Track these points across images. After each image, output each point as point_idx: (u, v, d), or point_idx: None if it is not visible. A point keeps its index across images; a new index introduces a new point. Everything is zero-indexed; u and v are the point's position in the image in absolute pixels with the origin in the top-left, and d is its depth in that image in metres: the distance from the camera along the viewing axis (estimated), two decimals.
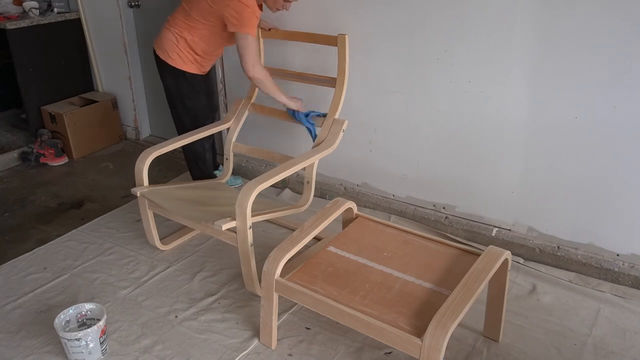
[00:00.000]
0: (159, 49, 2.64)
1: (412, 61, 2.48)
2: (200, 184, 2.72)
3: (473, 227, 2.58)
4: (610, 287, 2.26)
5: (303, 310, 2.16)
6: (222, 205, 2.38)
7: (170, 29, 2.58)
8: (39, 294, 2.31)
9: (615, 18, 1.97)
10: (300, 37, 2.61)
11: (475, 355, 1.94)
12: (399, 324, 1.62)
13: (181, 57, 2.60)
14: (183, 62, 2.61)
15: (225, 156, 2.79)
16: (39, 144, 3.57)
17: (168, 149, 2.48)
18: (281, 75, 2.71)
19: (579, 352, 1.95)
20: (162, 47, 2.62)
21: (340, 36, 2.44)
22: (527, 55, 2.18)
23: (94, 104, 3.78)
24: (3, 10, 3.70)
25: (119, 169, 3.51)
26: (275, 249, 1.87)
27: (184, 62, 2.62)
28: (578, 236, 2.35)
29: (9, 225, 2.90)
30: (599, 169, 2.20)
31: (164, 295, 2.29)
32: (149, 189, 2.41)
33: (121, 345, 2.02)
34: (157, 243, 2.55)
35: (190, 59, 2.62)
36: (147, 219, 2.49)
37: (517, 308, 2.16)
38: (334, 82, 2.51)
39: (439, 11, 2.32)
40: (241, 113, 2.76)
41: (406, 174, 2.72)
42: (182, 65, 2.62)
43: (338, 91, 2.50)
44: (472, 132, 2.44)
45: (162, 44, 2.62)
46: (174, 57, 2.60)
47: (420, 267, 1.88)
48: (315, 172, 2.51)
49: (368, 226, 2.13)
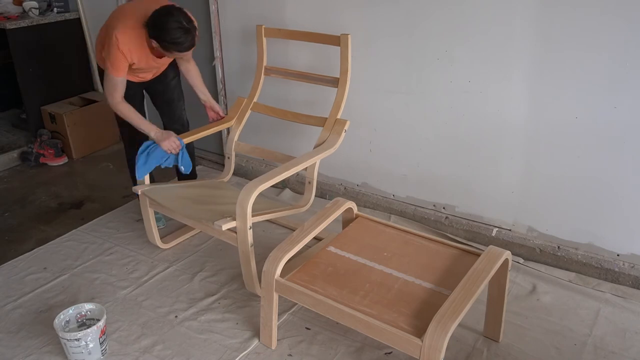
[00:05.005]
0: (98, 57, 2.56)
1: (412, 61, 2.48)
2: (201, 183, 2.71)
3: (473, 227, 2.58)
4: (610, 287, 2.26)
5: (303, 310, 2.16)
6: (223, 204, 2.38)
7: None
8: (39, 294, 2.31)
9: (616, 17, 1.97)
10: (302, 37, 2.60)
11: (475, 355, 1.94)
12: (399, 324, 1.62)
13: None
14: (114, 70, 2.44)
15: (227, 155, 2.78)
16: (39, 144, 3.57)
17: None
18: (283, 75, 2.71)
19: (579, 352, 1.95)
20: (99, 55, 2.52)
21: (343, 36, 2.43)
22: (527, 55, 2.18)
23: (94, 104, 3.78)
24: (3, 10, 3.70)
25: (119, 169, 3.51)
26: (275, 249, 1.87)
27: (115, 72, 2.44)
28: (578, 236, 2.35)
29: (9, 225, 2.90)
30: (599, 169, 2.20)
31: (164, 295, 2.29)
32: (150, 187, 2.41)
33: (121, 345, 2.02)
34: (157, 242, 2.55)
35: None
36: (148, 218, 2.49)
37: (517, 308, 2.16)
38: (336, 82, 2.51)
39: (439, 11, 2.32)
40: (243, 112, 2.75)
41: (406, 174, 2.72)
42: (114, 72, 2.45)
43: (340, 91, 2.49)
44: (472, 132, 2.44)
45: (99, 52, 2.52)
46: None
47: (420, 267, 1.88)
48: (317, 173, 2.50)
49: (368, 226, 2.13)
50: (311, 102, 2.85)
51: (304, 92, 2.78)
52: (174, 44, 2.23)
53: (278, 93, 2.91)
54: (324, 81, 2.58)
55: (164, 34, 2.20)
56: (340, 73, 2.48)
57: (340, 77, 2.49)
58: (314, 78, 2.62)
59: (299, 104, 2.86)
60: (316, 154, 2.39)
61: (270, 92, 2.92)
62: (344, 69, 2.46)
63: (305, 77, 2.65)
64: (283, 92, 2.92)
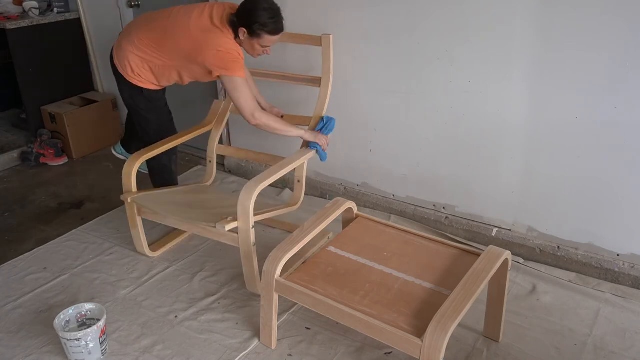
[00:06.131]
0: (118, 61, 2.45)
1: (412, 61, 2.48)
2: (185, 189, 2.70)
3: (473, 227, 2.58)
4: (610, 287, 2.26)
5: (303, 310, 2.16)
6: (216, 208, 2.38)
7: (137, 53, 2.37)
8: (39, 294, 2.31)
9: (616, 17, 1.97)
10: (284, 38, 2.52)
11: (475, 355, 1.94)
12: (399, 324, 1.62)
13: (141, 79, 2.44)
14: (141, 82, 2.45)
15: (209, 159, 2.78)
16: (39, 144, 3.57)
17: (154, 154, 2.46)
18: (265, 77, 2.70)
19: (579, 352, 1.95)
20: (123, 62, 2.42)
21: (324, 36, 2.45)
22: (527, 55, 2.18)
23: (94, 104, 3.77)
24: (3, 10, 3.70)
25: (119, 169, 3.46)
26: (275, 249, 1.87)
27: (142, 83, 2.46)
28: (578, 236, 2.35)
29: (9, 225, 2.90)
30: (599, 169, 2.20)
31: (164, 295, 2.29)
32: (140, 194, 2.40)
33: (121, 345, 2.02)
34: (146, 250, 2.52)
35: (150, 82, 2.47)
36: (137, 226, 2.45)
37: (517, 308, 2.16)
38: (318, 81, 2.53)
39: (439, 11, 2.32)
40: (222, 115, 2.75)
41: (406, 174, 2.72)
42: (140, 84, 2.45)
43: (323, 90, 2.51)
44: (472, 132, 2.44)
45: (123, 59, 2.42)
46: (133, 75, 2.43)
47: (420, 267, 1.88)
48: (306, 171, 2.51)
49: (368, 226, 2.13)
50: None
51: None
52: (265, 26, 2.20)
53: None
54: (307, 81, 2.60)
55: (256, 16, 2.19)
56: (323, 73, 2.51)
57: (323, 77, 2.51)
58: (296, 79, 2.63)
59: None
60: (305, 152, 2.41)
61: None
62: (326, 68, 2.49)
63: (287, 78, 2.66)
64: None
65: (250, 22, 2.20)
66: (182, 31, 2.28)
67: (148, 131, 2.63)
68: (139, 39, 2.36)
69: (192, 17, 2.29)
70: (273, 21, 2.22)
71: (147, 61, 2.39)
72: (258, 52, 2.32)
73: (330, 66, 2.48)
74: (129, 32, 2.43)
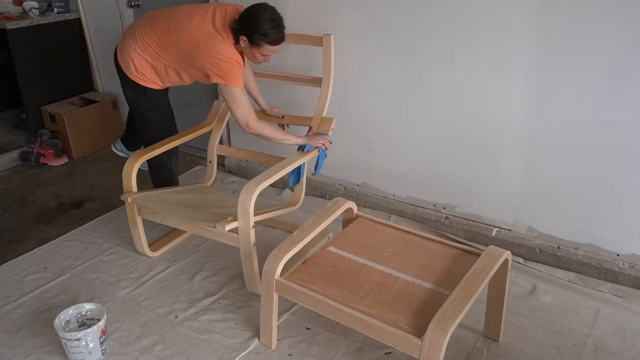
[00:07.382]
0: (122, 60, 2.44)
1: (412, 61, 2.48)
2: (185, 189, 2.70)
3: (473, 227, 2.58)
4: (610, 287, 2.26)
5: (303, 310, 2.16)
6: (216, 208, 2.39)
7: (141, 53, 2.37)
8: (39, 294, 2.31)
9: (616, 17, 1.97)
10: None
11: (475, 355, 1.94)
12: (399, 324, 1.62)
13: (144, 78, 2.43)
14: (145, 81, 2.44)
15: (209, 159, 2.78)
16: (39, 144, 3.57)
17: (154, 154, 2.46)
18: (265, 77, 2.70)
19: (579, 352, 1.95)
20: (127, 60, 2.41)
21: (325, 36, 2.45)
22: (527, 55, 2.18)
23: (94, 104, 3.78)
24: (3, 10, 3.70)
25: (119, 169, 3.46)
26: (275, 249, 1.87)
27: (145, 82, 2.44)
28: (578, 236, 2.35)
29: (9, 225, 2.90)
30: (599, 169, 2.20)
31: (164, 295, 2.29)
32: (140, 194, 2.40)
33: (121, 345, 2.02)
34: (146, 250, 2.52)
35: (153, 82, 2.46)
36: (137, 226, 2.45)
37: (517, 308, 2.16)
38: (319, 82, 2.52)
39: (439, 11, 2.32)
40: (222, 116, 2.75)
41: (406, 174, 2.72)
42: (143, 83, 2.44)
43: (324, 90, 2.51)
44: (472, 132, 2.44)
45: (126, 57, 2.41)
46: (136, 74, 2.42)
47: (420, 267, 1.88)
48: (306, 171, 2.51)
49: (368, 226, 2.13)
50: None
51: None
52: (265, 36, 2.18)
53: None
54: (307, 81, 2.60)
55: (257, 26, 2.17)
56: (323, 73, 2.50)
57: (323, 77, 2.51)
58: (296, 79, 2.63)
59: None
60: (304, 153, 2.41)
61: None
62: (327, 68, 2.49)
63: (287, 78, 2.66)
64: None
65: (251, 31, 2.18)
66: (184, 33, 2.28)
67: (149, 131, 2.63)
68: (142, 38, 2.36)
69: (194, 18, 2.28)
70: (274, 31, 2.20)
71: (150, 60, 2.39)
72: (259, 59, 2.32)
73: (331, 66, 2.47)
74: (133, 30, 2.43)
